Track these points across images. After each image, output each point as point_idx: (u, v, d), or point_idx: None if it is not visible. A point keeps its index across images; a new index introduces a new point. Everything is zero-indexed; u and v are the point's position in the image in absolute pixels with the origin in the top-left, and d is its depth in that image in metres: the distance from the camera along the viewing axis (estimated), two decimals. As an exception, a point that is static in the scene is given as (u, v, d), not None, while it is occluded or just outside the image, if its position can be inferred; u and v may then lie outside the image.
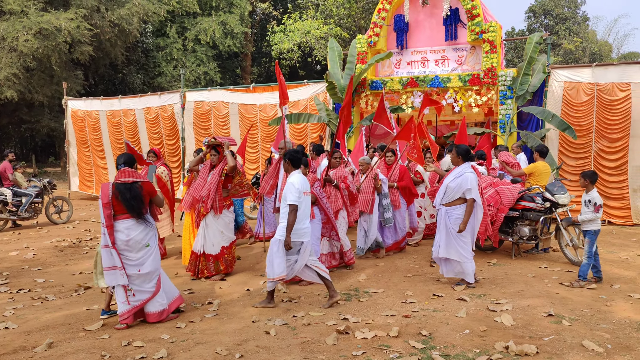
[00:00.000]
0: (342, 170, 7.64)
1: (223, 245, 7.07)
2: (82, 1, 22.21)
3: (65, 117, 17.57)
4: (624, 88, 10.67)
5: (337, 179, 7.46)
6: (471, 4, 11.52)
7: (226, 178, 7.11)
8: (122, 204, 5.17)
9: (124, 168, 5.36)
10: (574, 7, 42.12)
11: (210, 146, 7.17)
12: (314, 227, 6.55)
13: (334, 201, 7.34)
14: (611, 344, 4.58)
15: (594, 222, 6.51)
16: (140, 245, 5.25)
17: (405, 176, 8.56)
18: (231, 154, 6.97)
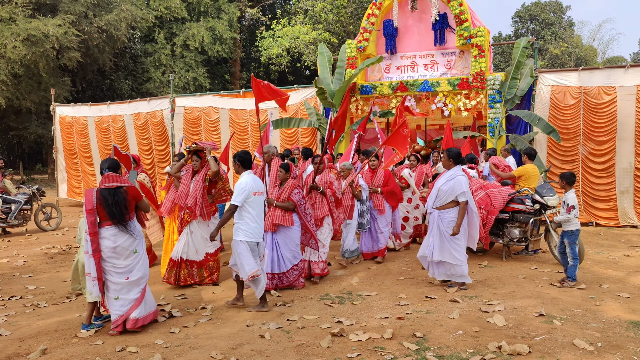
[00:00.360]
0: (328, 175, 7.52)
1: (208, 252, 6.96)
2: (69, 7, 22.13)
3: (54, 123, 17.46)
4: (610, 91, 10.84)
5: (322, 184, 7.34)
6: (459, 9, 11.64)
7: (210, 183, 7.03)
8: (105, 210, 5.04)
9: (108, 173, 5.23)
10: (559, 13, 42.67)
11: (191, 152, 7.02)
12: (293, 234, 6.58)
13: (320, 207, 7.23)
14: (602, 342, 4.64)
15: (570, 223, 6.61)
16: (128, 252, 5.15)
17: (390, 181, 8.43)
18: (214, 159, 6.89)
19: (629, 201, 10.84)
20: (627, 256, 8.26)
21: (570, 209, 6.57)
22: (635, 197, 10.81)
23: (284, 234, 6.55)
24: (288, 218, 6.50)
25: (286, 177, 6.62)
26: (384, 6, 12.61)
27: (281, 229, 6.54)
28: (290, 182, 6.63)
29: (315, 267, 7.11)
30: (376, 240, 8.31)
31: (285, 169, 6.63)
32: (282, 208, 6.49)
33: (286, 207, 6.49)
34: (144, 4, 26.77)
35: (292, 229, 6.55)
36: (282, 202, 6.51)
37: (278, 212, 6.48)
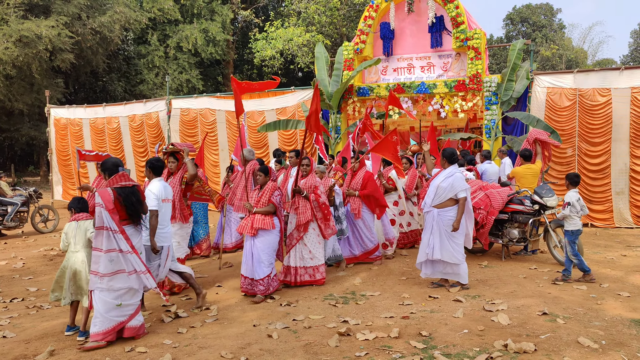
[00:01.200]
0: (313, 179, 7.14)
1: (178, 257, 6.62)
2: (63, 9, 22.02)
3: (48, 125, 17.37)
4: (605, 93, 10.97)
5: (306, 188, 6.99)
6: (456, 12, 11.75)
7: (186, 186, 6.83)
8: (125, 209, 4.99)
9: (122, 172, 5.16)
10: (550, 15, 43.07)
11: (168, 153, 6.82)
12: (273, 238, 6.36)
13: (303, 212, 6.90)
14: (605, 340, 4.71)
15: (570, 222, 6.76)
16: (142, 250, 5.17)
17: (369, 184, 8.05)
18: (191, 162, 6.71)
19: (625, 202, 10.98)
20: (624, 256, 8.37)
21: (565, 205, 6.71)
22: (631, 199, 10.95)
23: (263, 238, 6.31)
24: (269, 221, 6.31)
25: (266, 180, 6.49)
26: (381, 9, 12.69)
27: (261, 233, 6.31)
28: (270, 185, 6.48)
29: (303, 272, 6.89)
30: (357, 244, 8.07)
31: (264, 172, 6.50)
32: (262, 212, 6.32)
33: (267, 211, 6.32)
34: (137, 5, 26.71)
35: (272, 233, 6.34)
36: (262, 206, 6.35)
37: (258, 216, 6.32)
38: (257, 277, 6.26)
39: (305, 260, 6.88)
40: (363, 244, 8.09)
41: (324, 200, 7.02)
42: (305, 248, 6.90)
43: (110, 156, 7.55)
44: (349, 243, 8.10)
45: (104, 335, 4.84)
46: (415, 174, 9.33)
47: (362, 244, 8.09)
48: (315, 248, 6.95)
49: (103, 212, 4.84)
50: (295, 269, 6.88)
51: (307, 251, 6.89)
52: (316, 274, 6.91)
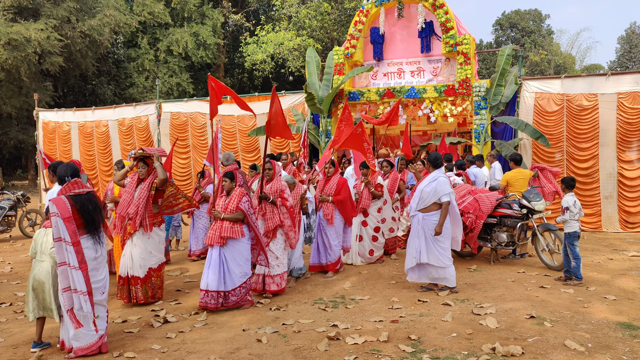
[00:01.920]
0: (279, 183, 6.87)
1: (151, 267, 6.40)
2: (52, 12, 21.93)
3: (37, 128, 17.26)
4: (592, 98, 11.10)
5: (273, 193, 6.77)
6: (445, 17, 11.84)
7: (156, 192, 6.52)
8: (82, 217, 4.66)
9: (75, 179, 4.84)
10: (538, 21, 43.47)
11: (137, 158, 6.53)
12: (243, 247, 6.16)
13: (271, 218, 6.68)
14: (591, 343, 4.76)
15: (567, 225, 6.91)
16: (104, 262, 4.85)
17: (344, 190, 7.88)
18: (161, 167, 6.44)
19: (613, 206, 11.10)
20: (610, 259, 8.46)
21: (564, 210, 6.81)
22: (619, 203, 11.07)
23: (232, 248, 6.09)
24: (238, 229, 6.08)
25: (232, 186, 6.30)
26: (371, 14, 12.76)
27: (230, 243, 6.08)
28: (237, 191, 6.25)
29: (271, 282, 6.66)
30: (325, 253, 7.84)
31: (229, 178, 6.31)
32: (230, 220, 6.09)
33: (235, 219, 6.09)
34: (127, 9, 26.66)
35: (241, 242, 6.12)
36: (230, 213, 6.11)
37: (226, 224, 6.07)
38: (228, 288, 6.01)
39: (273, 268, 6.64)
40: (332, 253, 7.82)
41: (292, 204, 6.86)
42: (272, 255, 6.68)
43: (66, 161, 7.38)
44: (317, 251, 7.88)
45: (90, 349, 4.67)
46: (397, 178, 9.17)
47: (330, 252, 7.82)
48: (282, 255, 6.76)
49: (59, 221, 4.50)
50: (263, 277, 6.67)
51: (274, 258, 6.67)
52: (282, 282, 6.70)
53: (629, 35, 42.81)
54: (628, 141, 10.94)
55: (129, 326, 5.60)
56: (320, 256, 7.86)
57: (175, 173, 15.11)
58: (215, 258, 6.06)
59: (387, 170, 9.18)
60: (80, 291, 4.50)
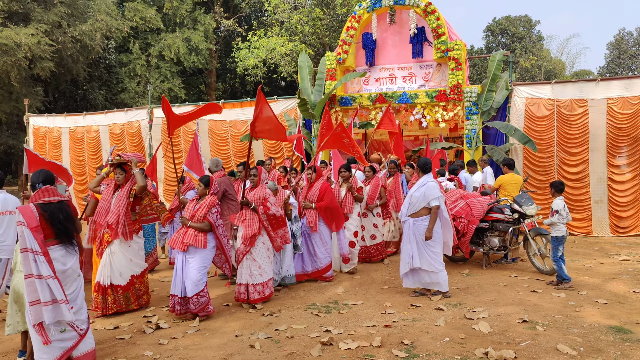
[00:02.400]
0: (263, 190, 6.72)
1: (133, 274, 6.30)
2: (43, 16, 21.80)
3: (27, 134, 17.15)
4: (582, 104, 11.20)
5: (255, 200, 6.62)
6: (437, 23, 11.92)
7: (134, 200, 6.38)
8: (52, 227, 4.43)
9: (46, 187, 4.60)
10: (529, 27, 43.82)
11: (114, 164, 6.37)
12: (205, 254, 6.00)
13: (249, 225, 6.49)
14: (583, 347, 4.79)
15: (556, 228, 6.98)
16: (75, 275, 4.58)
17: (326, 196, 7.70)
18: (140, 173, 6.28)
19: (604, 211, 11.18)
20: (601, 264, 8.51)
21: (553, 213, 6.87)
22: (610, 207, 11.15)
23: (195, 254, 5.97)
24: (201, 239, 5.95)
25: (205, 192, 6.17)
26: (363, 19, 12.81)
27: (192, 249, 5.97)
28: (208, 200, 6.11)
29: (253, 291, 6.47)
30: (310, 261, 7.66)
31: (204, 183, 6.18)
32: (196, 229, 5.97)
33: (201, 228, 5.97)
34: (119, 14, 26.56)
35: (204, 250, 6.00)
36: (197, 221, 5.99)
37: (191, 231, 5.98)
38: (188, 294, 5.91)
39: (255, 277, 6.48)
40: (317, 261, 7.65)
41: (274, 212, 6.65)
42: (255, 263, 6.50)
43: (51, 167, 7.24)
44: (302, 259, 7.68)
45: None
46: (378, 183, 8.94)
47: (316, 260, 7.65)
48: (265, 262, 6.57)
49: (25, 230, 4.27)
50: (245, 287, 6.50)
51: (257, 266, 6.50)
52: (265, 290, 6.54)
53: (618, 42, 43.25)
54: (618, 146, 11.03)
55: (121, 332, 5.56)
56: (305, 264, 7.67)
57: (167, 178, 15.07)
58: (179, 263, 6.04)
59: (369, 176, 9.03)
60: (60, 300, 4.27)
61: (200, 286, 5.91)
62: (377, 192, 8.90)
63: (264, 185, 6.83)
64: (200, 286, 5.91)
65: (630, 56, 42.71)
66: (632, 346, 4.78)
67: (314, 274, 7.68)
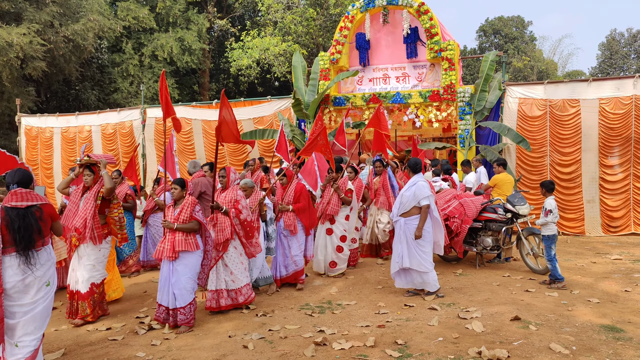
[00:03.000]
0: (233, 193, 6.35)
1: (93, 282, 5.98)
2: (35, 16, 21.67)
3: (19, 134, 17.04)
4: (574, 104, 11.25)
5: (226, 203, 6.27)
6: (430, 23, 11.94)
7: (103, 202, 6.08)
8: (9, 234, 4.10)
9: (18, 189, 4.29)
10: (521, 28, 43.98)
11: (83, 165, 6.11)
12: (195, 260, 5.75)
13: (221, 230, 6.15)
14: (576, 346, 4.80)
15: (547, 227, 6.99)
16: (41, 284, 4.20)
17: (302, 197, 7.41)
18: (108, 175, 6.04)
19: (596, 211, 11.23)
20: (594, 263, 8.55)
21: (547, 213, 6.89)
22: (601, 207, 11.21)
23: (184, 261, 5.67)
24: (192, 241, 5.68)
25: (182, 194, 5.85)
26: (356, 19, 12.81)
27: (182, 256, 5.65)
28: (189, 200, 5.83)
29: (226, 296, 6.21)
30: (284, 264, 7.37)
31: (180, 185, 5.86)
32: (184, 230, 5.67)
33: (190, 229, 5.68)
34: (111, 13, 26.44)
35: (194, 254, 5.72)
36: (183, 222, 5.68)
37: (179, 236, 5.63)
38: (178, 305, 5.61)
39: (227, 283, 6.21)
40: (294, 263, 7.37)
41: (246, 216, 6.27)
42: (227, 269, 6.22)
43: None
44: (277, 262, 7.38)
45: None
46: (362, 185, 8.69)
47: (293, 262, 7.36)
48: (238, 269, 6.26)
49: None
50: (217, 293, 6.20)
51: (229, 272, 6.21)
52: (238, 297, 6.23)
53: (610, 42, 43.49)
54: (610, 146, 11.09)
55: (113, 334, 5.54)
56: (280, 268, 7.37)
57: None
58: (165, 273, 5.71)
59: (351, 177, 8.60)
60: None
61: (191, 297, 5.68)
62: (360, 194, 8.65)
63: (234, 187, 6.47)
64: (191, 296, 5.68)
65: (622, 57, 42.96)
66: (624, 345, 4.80)
67: (290, 277, 7.38)
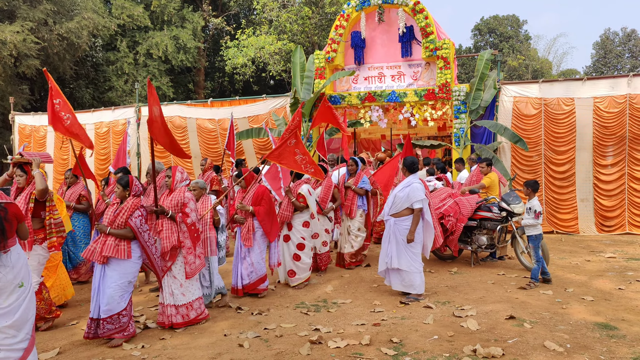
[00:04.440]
0: (181, 195, 5.72)
1: None
2: (28, 14, 21.56)
3: (12, 133, 16.96)
4: (569, 103, 11.29)
5: (172, 207, 5.64)
6: (425, 22, 11.95)
7: (37, 204, 5.63)
8: None
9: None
10: (516, 26, 44.09)
11: (16, 164, 5.68)
12: (129, 267, 5.27)
13: (167, 237, 5.53)
14: (570, 344, 4.83)
15: (534, 228, 7.05)
16: (13, 287, 3.98)
17: (264, 200, 6.78)
18: (41, 175, 5.60)
19: (590, 210, 11.28)
20: (588, 261, 8.59)
21: (538, 215, 6.92)
22: (595, 206, 11.26)
23: (116, 266, 5.20)
24: (124, 248, 5.18)
25: (125, 194, 5.38)
26: (352, 18, 12.81)
27: (114, 261, 5.20)
28: (130, 202, 5.34)
29: (175, 313, 5.59)
30: (246, 273, 6.72)
31: (123, 185, 5.36)
32: (117, 236, 5.20)
33: (123, 235, 5.20)
34: (106, 11, 26.33)
35: (129, 261, 5.24)
36: (117, 228, 5.22)
37: (110, 240, 5.19)
38: (103, 315, 5.10)
39: (176, 297, 5.60)
40: (254, 271, 6.74)
41: (193, 221, 5.68)
42: (175, 281, 5.61)
43: None
44: (238, 270, 6.76)
45: None
46: (331, 184, 8.12)
47: (252, 270, 6.74)
48: (188, 280, 5.66)
49: None
50: (166, 307, 5.61)
51: (178, 285, 5.60)
52: (190, 313, 5.63)
53: (604, 41, 43.67)
54: (604, 145, 11.14)
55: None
56: (240, 277, 6.72)
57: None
58: (96, 277, 5.23)
59: None
60: None
61: (123, 304, 5.18)
62: (329, 194, 8.06)
63: (182, 188, 5.81)
64: (122, 304, 5.17)
65: (616, 56, 43.14)
66: (618, 342, 4.83)
67: (251, 286, 6.75)
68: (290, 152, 6.58)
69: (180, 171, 5.88)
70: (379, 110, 12.46)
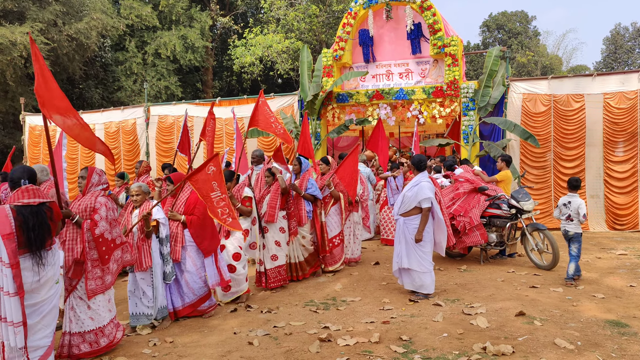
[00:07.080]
0: (92, 199, 4.91)
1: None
2: (38, 15, 21.73)
3: (23, 133, 17.11)
4: (578, 99, 11.21)
5: (81, 212, 4.85)
6: (433, 19, 11.91)
7: None
8: (24, 234, 3.90)
9: (29, 185, 4.08)
10: (525, 23, 43.83)
11: None
12: None
13: (71, 248, 4.81)
14: (581, 341, 4.80)
15: (577, 227, 7.08)
16: (51, 284, 4.10)
17: (197, 209, 5.92)
18: None
19: (600, 206, 11.20)
20: (599, 258, 8.53)
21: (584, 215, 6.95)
22: (606, 202, 11.18)
23: None
24: None
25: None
26: (359, 16, 12.79)
27: None
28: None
29: (80, 341, 4.76)
30: (178, 292, 5.88)
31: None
32: None
33: None
34: (114, 12, 26.48)
35: None
36: None
37: None
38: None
39: (83, 323, 4.77)
40: (189, 292, 5.88)
41: (103, 231, 4.75)
42: (82, 303, 4.78)
43: None
44: (169, 290, 5.83)
45: None
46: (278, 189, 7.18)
47: (187, 290, 5.87)
48: (97, 301, 4.83)
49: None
50: (70, 337, 4.76)
51: (85, 307, 4.78)
52: (100, 340, 4.79)
53: (614, 37, 43.30)
54: (614, 141, 11.05)
55: (119, 331, 5.55)
56: (173, 297, 5.84)
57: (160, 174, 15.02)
58: None
59: (269, 182, 7.20)
60: (10, 322, 3.78)
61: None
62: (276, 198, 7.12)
63: (95, 192, 5.02)
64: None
65: (626, 51, 42.76)
66: (629, 340, 4.79)
67: (185, 310, 5.86)
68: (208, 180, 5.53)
69: (98, 173, 5.09)
70: (387, 108, 12.44)
